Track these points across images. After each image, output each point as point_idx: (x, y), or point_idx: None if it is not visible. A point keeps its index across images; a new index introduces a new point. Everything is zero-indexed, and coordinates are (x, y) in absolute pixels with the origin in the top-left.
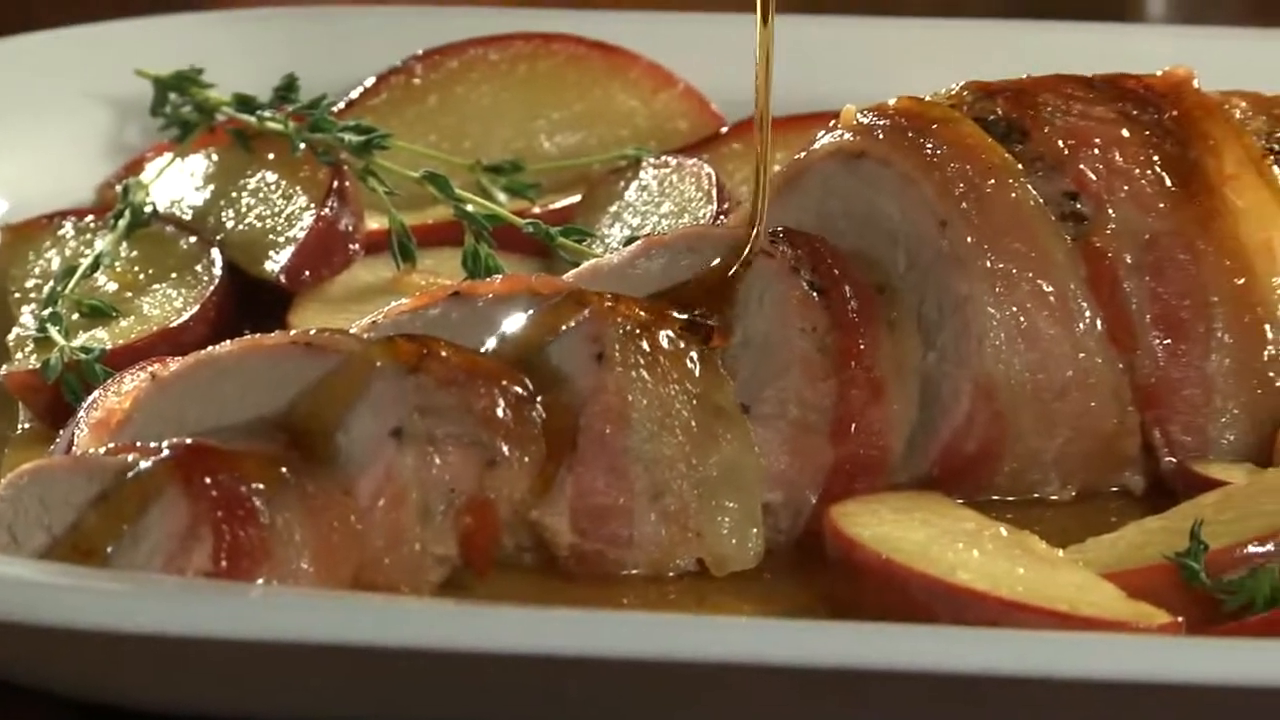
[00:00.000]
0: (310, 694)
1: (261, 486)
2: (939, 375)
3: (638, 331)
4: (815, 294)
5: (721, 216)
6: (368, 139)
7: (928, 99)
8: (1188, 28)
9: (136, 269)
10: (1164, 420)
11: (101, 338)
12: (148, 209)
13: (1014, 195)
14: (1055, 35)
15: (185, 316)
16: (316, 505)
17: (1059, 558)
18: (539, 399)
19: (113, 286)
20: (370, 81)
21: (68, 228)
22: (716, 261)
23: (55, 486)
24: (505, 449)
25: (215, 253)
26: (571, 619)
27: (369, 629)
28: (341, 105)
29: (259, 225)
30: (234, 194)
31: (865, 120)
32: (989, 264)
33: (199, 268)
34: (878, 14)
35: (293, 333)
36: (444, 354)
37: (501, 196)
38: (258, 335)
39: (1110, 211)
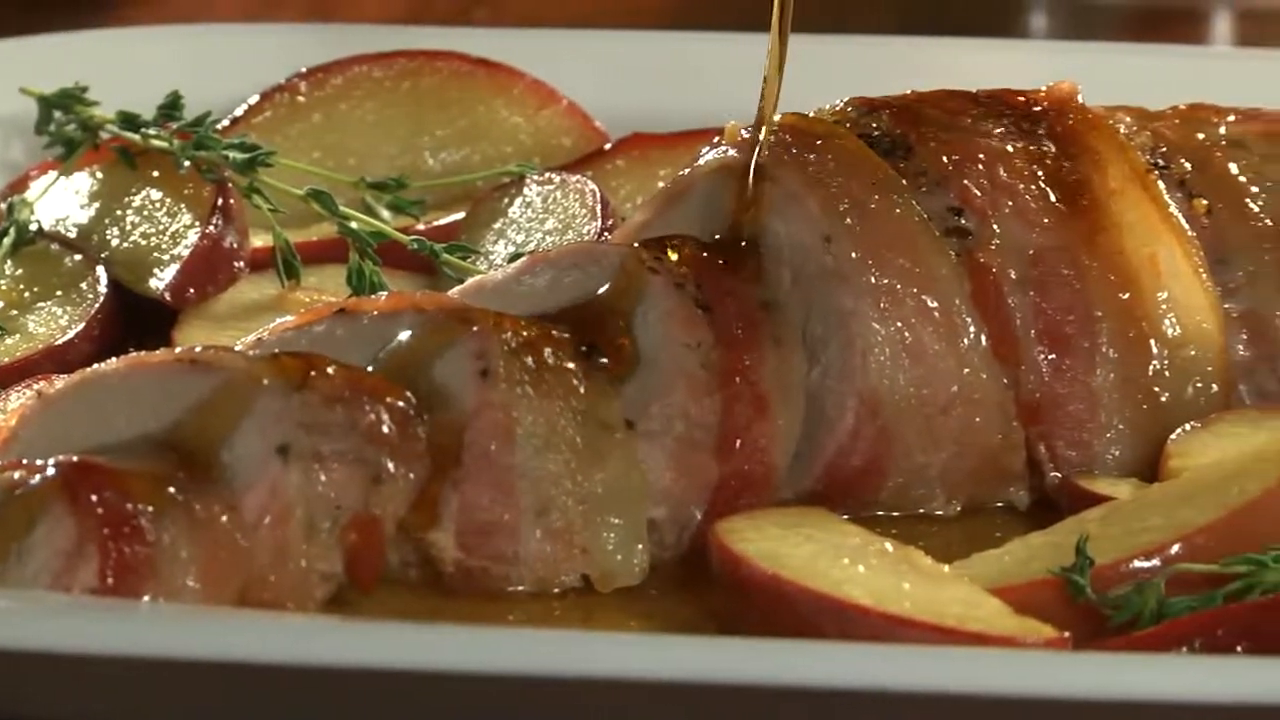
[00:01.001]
0: (196, 710)
1: (148, 504)
2: (824, 391)
3: (523, 348)
4: (700, 310)
5: (605, 233)
6: (252, 156)
7: (812, 115)
8: (1071, 43)
9: (21, 287)
10: (1049, 435)
11: None
12: (33, 227)
13: (898, 211)
14: (940, 51)
15: (71, 334)
16: (202, 522)
17: (944, 573)
18: (424, 416)
19: None
20: (255, 99)
21: None
22: (602, 278)
23: None
24: (390, 466)
25: (100, 270)
26: (456, 635)
27: (253, 646)
28: (226, 122)
29: (144, 243)
30: (119, 212)
31: (749, 136)
32: (873, 279)
33: (84, 285)
34: (763, 30)
35: (178, 350)
36: (329, 371)
37: (386, 213)
38: (143, 353)
39: (995, 227)
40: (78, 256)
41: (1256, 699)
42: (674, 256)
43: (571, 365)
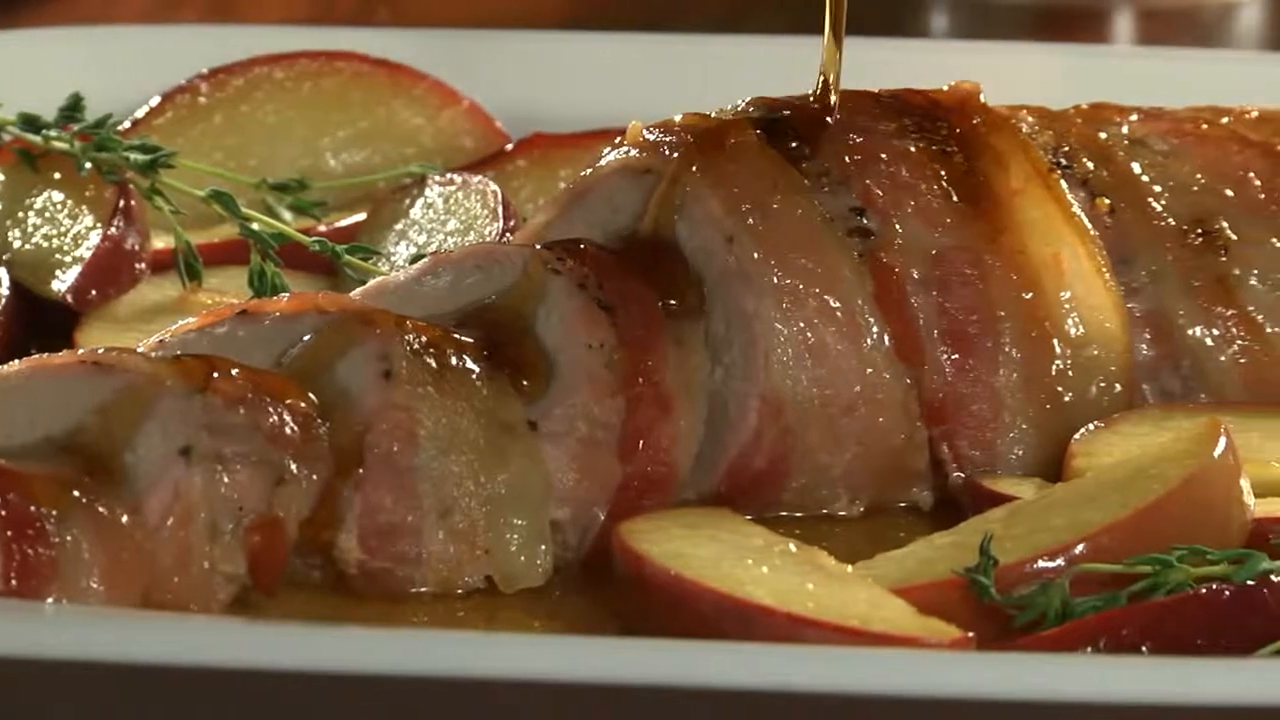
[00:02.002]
0: (100, 712)
1: (51, 507)
2: (727, 392)
3: (425, 349)
4: (602, 310)
5: (507, 234)
6: (153, 158)
7: (714, 115)
8: (972, 43)
9: None
10: (952, 435)
11: None
12: None
13: (800, 211)
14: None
15: None
16: (106, 524)
17: (848, 573)
18: (327, 417)
19: None
20: (156, 100)
21: None
22: (504, 279)
23: None
24: (293, 467)
25: (2, 272)
26: (359, 637)
27: (156, 647)
28: (127, 124)
29: (45, 245)
30: (20, 214)
31: (651, 137)
32: (775, 280)
33: None
34: (663, 30)
35: (80, 352)
36: (232, 373)
37: (287, 215)
38: (45, 355)
39: (897, 227)
40: None
41: (1160, 699)
42: (576, 257)
43: (474, 367)
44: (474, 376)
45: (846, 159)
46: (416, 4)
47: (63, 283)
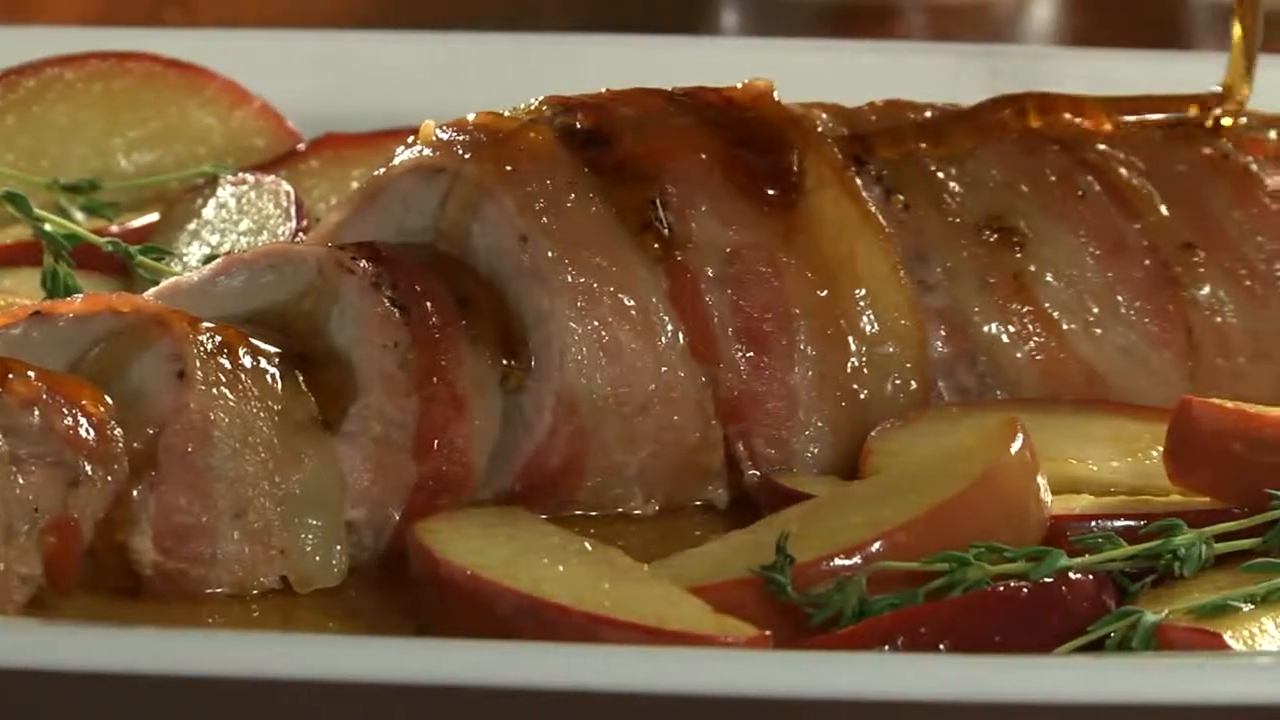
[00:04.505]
0: None
1: None
2: (522, 391)
3: (219, 350)
4: (396, 310)
5: (300, 234)
6: None
7: (507, 114)
8: (765, 40)
9: None
10: (748, 433)
11: None
12: None
13: (595, 210)
14: (632, 49)
15: None
16: None
17: (644, 572)
18: (122, 418)
19: None
20: None
21: None
22: (298, 280)
23: None
24: (88, 469)
25: None
26: (154, 638)
27: None
28: None
29: None
30: None
31: (444, 136)
32: (570, 279)
33: None
34: (455, 29)
35: None
36: (26, 374)
37: (80, 216)
38: None
39: (692, 225)
40: None
41: (957, 697)
42: (369, 258)
43: (268, 367)
44: (268, 377)
45: (641, 157)
46: (207, 4)
47: None
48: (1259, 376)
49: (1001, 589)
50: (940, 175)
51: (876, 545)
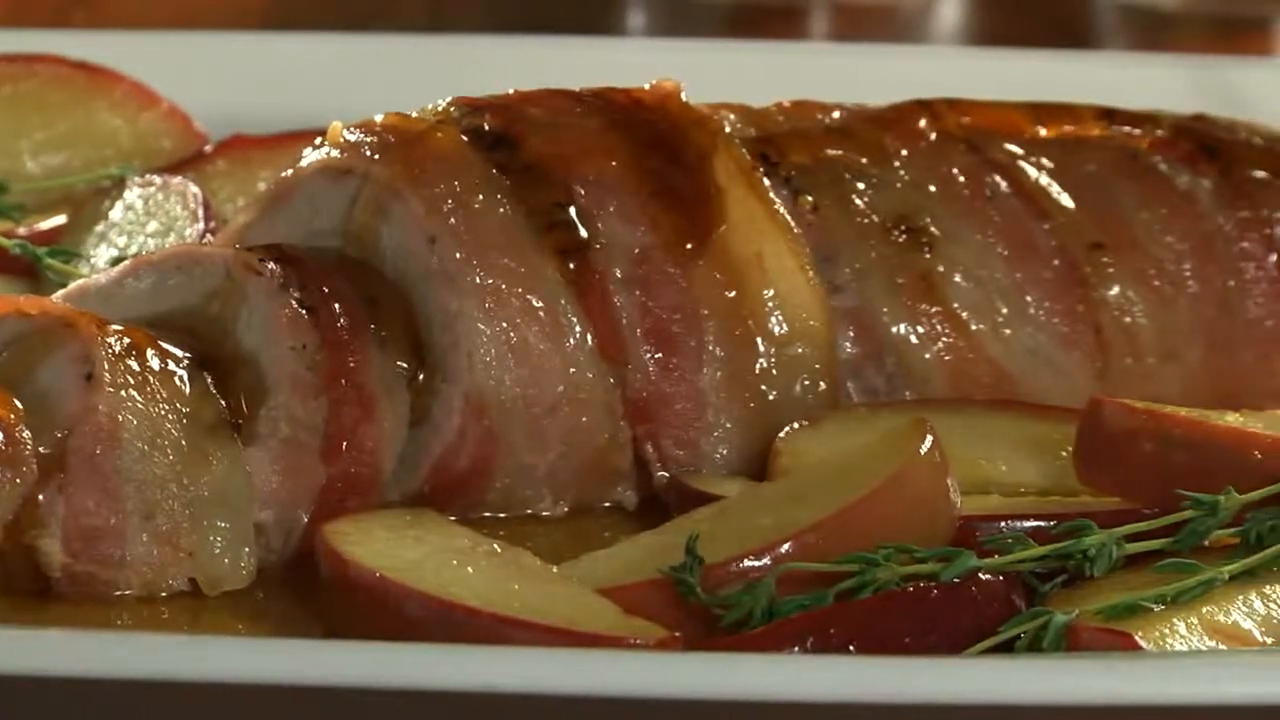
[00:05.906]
0: None
1: None
2: (430, 392)
3: (127, 352)
4: (304, 312)
5: (208, 235)
6: None
7: (415, 115)
8: (671, 40)
9: None
10: (656, 434)
11: None
12: None
13: (502, 211)
14: (538, 50)
15: None
16: None
17: (553, 574)
18: (30, 421)
19: None
20: None
21: None
22: (206, 281)
23: None
24: None
25: None
26: (63, 640)
27: None
28: None
29: None
30: None
31: (352, 137)
32: (478, 280)
33: None
34: (363, 30)
35: None
36: None
37: None
38: None
39: (600, 226)
40: None
41: (867, 698)
42: (277, 259)
43: (176, 369)
44: (177, 379)
45: (549, 158)
46: (113, 6)
47: None
48: (1168, 376)
49: (911, 590)
50: (849, 176)
51: (786, 546)
